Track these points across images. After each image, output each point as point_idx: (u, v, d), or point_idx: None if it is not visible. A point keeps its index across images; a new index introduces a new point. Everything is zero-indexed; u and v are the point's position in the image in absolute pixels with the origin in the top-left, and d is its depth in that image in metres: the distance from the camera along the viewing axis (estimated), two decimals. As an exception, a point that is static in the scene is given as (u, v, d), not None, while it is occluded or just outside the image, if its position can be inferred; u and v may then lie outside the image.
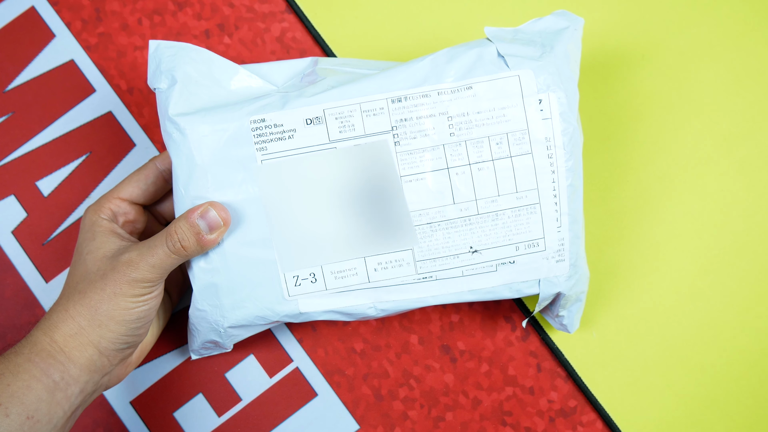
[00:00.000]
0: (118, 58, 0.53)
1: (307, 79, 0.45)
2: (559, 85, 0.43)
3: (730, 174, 0.51)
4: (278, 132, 0.42)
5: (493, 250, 0.44)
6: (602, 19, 0.52)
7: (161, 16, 0.53)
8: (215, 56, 0.44)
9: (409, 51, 0.52)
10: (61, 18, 0.53)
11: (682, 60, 0.52)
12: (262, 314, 0.44)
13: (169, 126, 0.42)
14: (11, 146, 0.52)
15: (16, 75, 0.52)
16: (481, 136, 0.43)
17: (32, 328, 0.41)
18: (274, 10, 0.53)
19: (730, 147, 0.51)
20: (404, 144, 0.43)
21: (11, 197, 0.51)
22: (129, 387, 0.50)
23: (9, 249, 0.51)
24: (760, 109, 0.52)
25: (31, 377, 0.39)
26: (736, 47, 0.52)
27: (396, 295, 0.44)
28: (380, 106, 0.43)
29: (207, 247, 0.42)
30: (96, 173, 0.52)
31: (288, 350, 0.50)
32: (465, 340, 0.50)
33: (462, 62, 0.43)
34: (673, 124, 0.52)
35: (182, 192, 0.42)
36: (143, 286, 0.41)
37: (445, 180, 0.43)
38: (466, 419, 0.50)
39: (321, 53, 0.53)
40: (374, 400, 0.50)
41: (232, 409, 0.50)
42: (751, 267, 0.50)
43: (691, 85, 0.52)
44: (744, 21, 0.52)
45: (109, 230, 0.43)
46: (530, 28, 0.45)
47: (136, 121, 0.52)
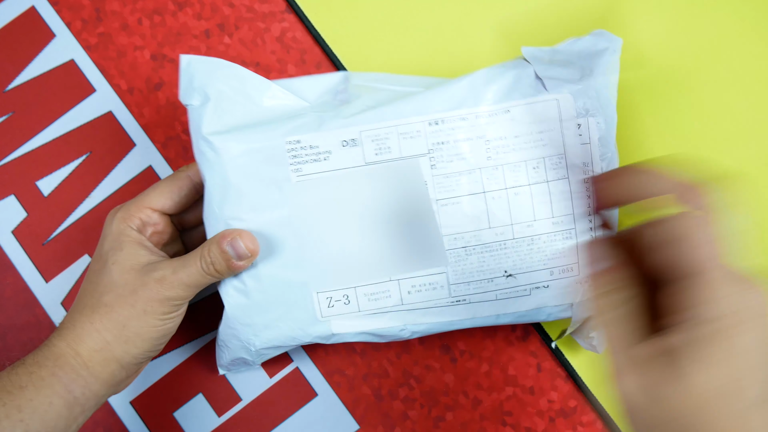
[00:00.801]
0: (118, 57, 0.53)
1: (340, 96, 0.44)
2: (598, 109, 0.42)
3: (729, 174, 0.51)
4: (314, 153, 0.42)
5: (528, 274, 0.43)
6: (601, 19, 0.52)
7: (161, 16, 0.53)
8: (247, 72, 0.43)
9: (410, 51, 0.52)
10: (61, 18, 0.53)
11: (682, 60, 0.52)
12: (294, 335, 0.43)
13: (202, 145, 0.42)
14: (11, 146, 0.52)
15: (16, 75, 0.52)
16: (518, 160, 0.42)
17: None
18: (274, 10, 0.53)
19: (730, 147, 0.51)
20: (441, 167, 0.42)
21: (11, 197, 0.51)
22: (129, 387, 0.50)
23: (9, 249, 0.51)
24: (760, 109, 0.52)
25: (54, 393, 0.38)
26: (736, 47, 0.52)
27: (429, 318, 0.44)
28: (417, 129, 0.42)
29: (237, 271, 0.41)
30: (96, 173, 0.52)
31: (288, 350, 0.50)
32: (465, 340, 0.50)
33: (500, 85, 0.42)
34: (673, 124, 0.52)
35: (216, 212, 0.42)
36: (174, 304, 0.40)
37: (482, 204, 0.43)
38: (466, 419, 0.50)
39: (321, 53, 0.53)
40: (374, 400, 0.50)
41: (232, 409, 0.50)
42: (750, 267, 0.50)
43: (691, 85, 0.52)
44: (744, 21, 0.52)
45: (137, 242, 0.42)
46: (568, 48, 0.44)
47: (136, 121, 0.52)
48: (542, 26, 0.51)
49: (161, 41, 0.52)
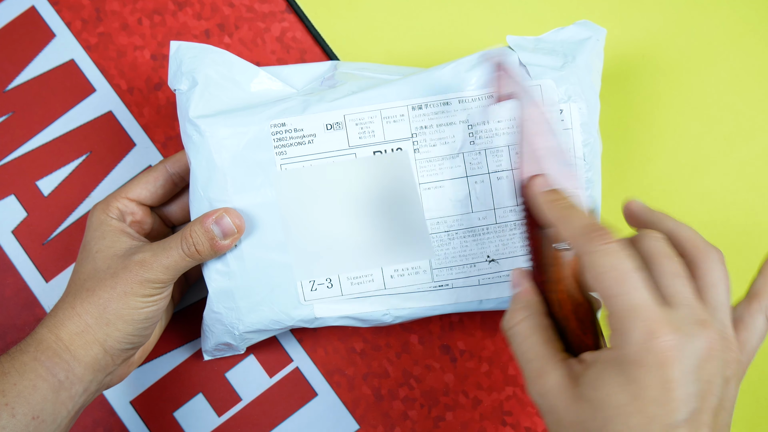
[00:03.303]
0: (118, 57, 0.53)
1: (327, 83, 0.45)
2: (580, 95, 0.42)
3: (730, 174, 0.51)
4: (298, 136, 0.42)
5: (511, 259, 0.44)
6: (600, 19, 0.52)
7: (161, 15, 0.53)
8: (235, 58, 0.44)
9: (410, 51, 0.52)
10: (61, 18, 0.53)
11: (682, 60, 0.52)
12: (278, 318, 0.44)
13: (189, 128, 0.42)
14: (11, 146, 0.52)
15: (16, 75, 0.52)
16: (501, 145, 0.43)
17: (33, 327, 0.41)
18: (274, 9, 0.53)
19: (730, 147, 0.51)
20: (424, 151, 0.43)
21: (11, 197, 0.51)
22: (129, 386, 0.50)
23: (9, 249, 0.51)
24: (760, 109, 0.52)
25: (37, 376, 0.39)
26: (737, 47, 0.52)
27: (412, 302, 0.44)
28: (401, 113, 0.43)
29: (221, 252, 0.42)
30: (96, 173, 0.52)
31: (288, 350, 0.50)
32: (465, 340, 0.50)
33: (484, 71, 0.43)
34: (673, 125, 0.52)
35: (201, 193, 0.42)
36: (154, 286, 0.41)
37: (464, 188, 0.43)
38: (466, 419, 0.50)
39: (321, 53, 0.53)
40: (374, 399, 0.50)
41: (232, 409, 0.50)
42: (751, 267, 0.50)
43: (691, 86, 0.52)
44: (744, 21, 0.52)
45: (119, 229, 0.43)
46: (552, 38, 0.45)
47: (136, 120, 0.52)
48: (547, 28, 0.51)
49: (161, 41, 0.53)
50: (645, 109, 0.52)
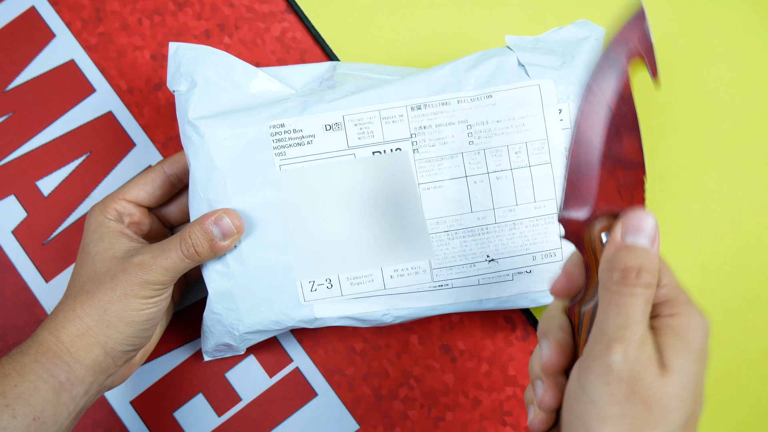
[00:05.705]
0: (118, 58, 0.53)
1: (326, 83, 0.45)
2: (579, 95, 0.42)
3: (730, 174, 0.51)
4: (297, 137, 0.42)
5: (510, 259, 0.44)
6: (599, 19, 0.52)
7: (161, 16, 0.53)
8: (235, 59, 0.44)
9: (410, 51, 0.52)
10: (61, 18, 0.53)
11: (682, 60, 0.52)
12: (277, 319, 0.44)
13: (188, 129, 0.42)
14: (11, 146, 0.52)
15: (16, 75, 0.52)
16: (500, 144, 0.43)
17: (33, 327, 0.41)
18: (274, 10, 0.53)
19: (730, 147, 0.51)
20: (423, 151, 0.43)
21: (11, 197, 0.51)
22: (129, 387, 0.50)
23: (9, 249, 0.51)
24: (760, 109, 0.52)
25: (38, 378, 0.39)
26: (737, 47, 0.52)
27: (411, 302, 0.44)
28: (399, 114, 0.43)
29: (220, 253, 0.42)
30: (96, 173, 0.52)
31: (288, 350, 0.50)
32: (465, 340, 0.50)
33: (482, 71, 0.43)
34: (673, 124, 0.52)
35: (200, 195, 0.42)
36: (154, 288, 0.41)
37: (463, 188, 0.43)
38: (466, 419, 0.50)
39: (321, 53, 0.53)
40: (374, 400, 0.50)
41: (232, 409, 0.50)
42: (751, 267, 0.50)
43: (691, 85, 0.52)
44: (744, 21, 0.52)
45: (117, 231, 0.43)
46: (551, 38, 0.45)
47: (136, 121, 0.52)
48: (546, 28, 0.51)
49: (161, 41, 0.53)
50: (644, 109, 0.52)
